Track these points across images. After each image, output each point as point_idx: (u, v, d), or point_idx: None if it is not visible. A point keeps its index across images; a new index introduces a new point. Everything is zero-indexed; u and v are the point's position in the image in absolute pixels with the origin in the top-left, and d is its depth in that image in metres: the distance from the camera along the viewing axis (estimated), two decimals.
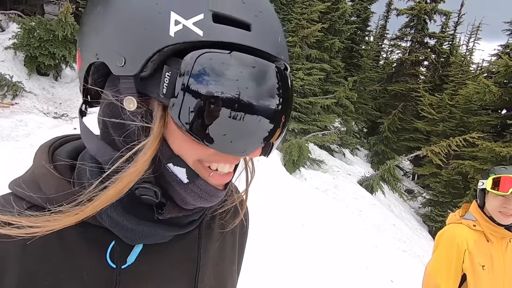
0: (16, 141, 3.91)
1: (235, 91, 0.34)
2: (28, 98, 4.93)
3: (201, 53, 0.34)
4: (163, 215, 0.41)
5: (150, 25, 0.34)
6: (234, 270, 0.59)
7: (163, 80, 0.35)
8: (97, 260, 0.42)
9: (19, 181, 0.42)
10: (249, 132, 0.37)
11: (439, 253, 1.64)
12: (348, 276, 3.41)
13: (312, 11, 8.11)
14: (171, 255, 0.47)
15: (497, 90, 7.99)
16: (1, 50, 5.13)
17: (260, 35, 0.37)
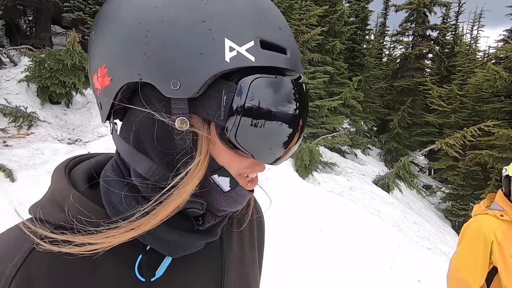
0: (34, 169, 4.03)
1: (280, 110, 0.39)
2: (42, 127, 5.08)
3: (255, 77, 0.37)
4: (204, 225, 0.44)
5: (205, 51, 0.36)
6: (256, 272, 0.60)
7: (222, 103, 0.37)
8: (125, 274, 0.42)
9: (39, 205, 0.42)
10: (285, 143, 0.41)
11: (465, 245, 1.59)
12: (373, 279, 3.31)
13: (310, 15, 8.17)
14: (198, 263, 0.48)
15: (508, 75, 7.80)
16: (15, 84, 5.33)
17: (293, 57, 0.41)
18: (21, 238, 0.39)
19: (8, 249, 0.39)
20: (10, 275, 0.37)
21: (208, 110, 0.37)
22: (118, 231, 0.38)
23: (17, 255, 0.38)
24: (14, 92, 5.23)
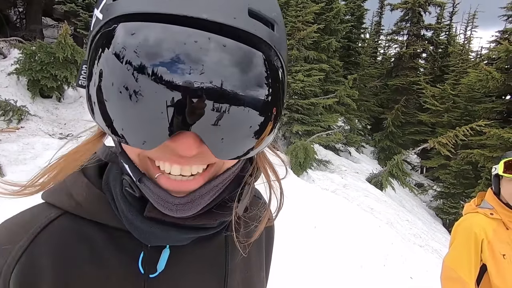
0: (24, 164, 3.95)
1: (121, 68, 0.30)
2: (33, 121, 4.98)
3: (98, 35, 0.32)
4: (146, 212, 0.40)
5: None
6: (262, 277, 0.58)
7: (79, 71, 0.35)
8: (128, 267, 0.42)
9: (51, 191, 0.43)
10: (140, 116, 0.31)
11: (458, 244, 1.60)
12: (366, 276, 3.35)
13: (307, 13, 8.15)
14: (198, 262, 0.47)
15: (500, 76, 7.91)
16: (4, 77, 5.21)
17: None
18: (29, 221, 0.41)
19: (17, 231, 0.40)
20: (17, 255, 0.38)
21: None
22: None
23: (24, 237, 0.40)
24: (4, 85, 5.12)
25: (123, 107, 0.31)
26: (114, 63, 0.30)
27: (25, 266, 0.38)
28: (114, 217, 0.41)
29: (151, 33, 0.29)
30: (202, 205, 0.39)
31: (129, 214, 0.40)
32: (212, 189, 0.39)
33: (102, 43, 0.31)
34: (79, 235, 0.41)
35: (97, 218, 0.42)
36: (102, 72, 0.31)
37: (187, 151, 0.32)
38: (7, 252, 0.39)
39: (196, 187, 0.38)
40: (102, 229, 0.42)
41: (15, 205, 0.51)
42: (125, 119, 0.32)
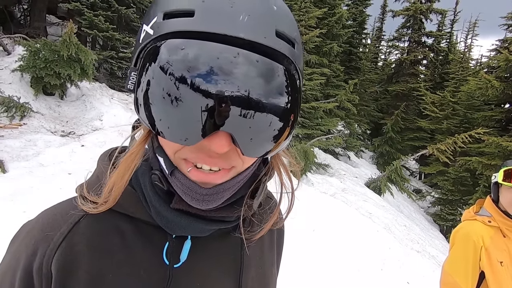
0: (26, 160, 3.97)
1: (167, 79, 0.35)
2: (35, 118, 5.00)
3: (147, 49, 0.37)
4: (173, 204, 0.44)
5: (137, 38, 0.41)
6: (274, 273, 0.62)
7: (128, 78, 0.39)
8: (154, 258, 0.46)
9: (84, 183, 0.47)
10: (189, 120, 0.35)
11: (456, 251, 1.62)
12: (363, 279, 3.37)
13: (309, 17, 8.22)
14: (217, 254, 0.51)
15: (499, 84, 7.98)
16: (8, 73, 5.23)
17: (207, 19, 0.35)
18: (68, 211, 0.46)
19: (57, 219, 0.45)
20: (58, 241, 0.43)
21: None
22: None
23: (64, 225, 0.45)
24: (7, 82, 5.13)
25: (168, 109, 0.35)
26: (164, 71, 0.35)
27: (65, 251, 0.43)
28: (143, 211, 0.46)
29: (194, 49, 0.34)
30: (225, 198, 0.44)
31: (157, 204, 0.44)
32: (234, 185, 0.44)
33: (151, 55, 0.36)
34: (112, 227, 0.46)
35: (128, 211, 0.46)
36: (153, 79, 0.36)
37: (220, 148, 0.37)
38: (50, 238, 0.44)
39: (222, 180, 0.42)
40: (132, 222, 0.47)
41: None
42: (169, 119, 0.36)
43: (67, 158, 4.27)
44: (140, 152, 0.44)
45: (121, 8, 7.02)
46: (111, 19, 7.01)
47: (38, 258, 0.43)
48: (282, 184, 0.52)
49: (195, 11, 0.35)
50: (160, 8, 0.38)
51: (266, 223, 0.52)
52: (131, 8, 7.26)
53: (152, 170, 0.44)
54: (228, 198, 0.45)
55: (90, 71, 5.44)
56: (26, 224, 0.48)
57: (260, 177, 0.50)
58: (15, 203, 3.16)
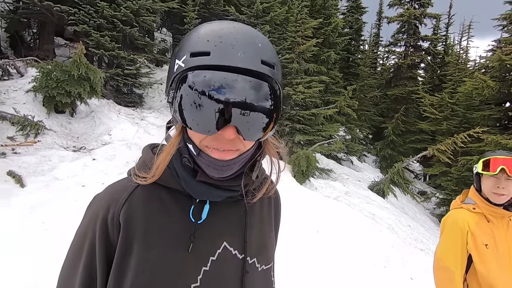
0: (43, 175, 4.19)
1: (199, 94, 0.55)
2: (48, 135, 5.26)
3: (180, 75, 0.57)
4: (198, 177, 0.63)
5: (170, 69, 0.63)
6: (272, 236, 0.80)
7: (167, 94, 0.61)
8: (183, 215, 0.65)
9: (135, 168, 0.68)
10: (208, 119, 0.55)
11: (445, 237, 1.76)
12: (367, 277, 3.48)
13: (306, 28, 8.51)
14: (228, 215, 0.70)
15: (495, 84, 8.13)
16: (22, 94, 5.53)
17: (218, 57, 0.55)
18: (128, 183, 0.67)
19: (120, 188, 0.67)
20: (123, 201, 0.64)
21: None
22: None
23: (125, 192, 0.65)
24: (22, 102, 5.43)
25: (197, 111, 0.56)
26: (194, 88, 0.56)
27: (127, 207, 0.63)
28: (176, 183, 0.65)
29: (211, 75, 0.55)
30: (235, 169, 0.63)
31: (187, 177, 0.63)
32: (239, 160, 0.63)
33: (184, 79, 0.56)
34: (156, 194, 0.66)
35: (166, 183, 0.65)
36: (183, 95, 0.57)
37: (230, 135, 0.57)
38: (117, 199, 0.64)
39: (232, 157, 0.62)
40: (169, 191, 0.66)
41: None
42: (198, 117, 0.56)
43: (80, 171, 4.49)
44: (176, 142, 0.63)
45: (125, 28, 7.36)
46: (116, 39, 7.35)
47: (111, 212, 0.63)
48: (272, 162, 0.72)
49: (210, 52, 0.55)
50: (187, 49, 0.58)
51: (260, 190, 0.72)
52: (135, 27, 7.60)
53: (183, 155, 0.64)
54: (235, 172, 0.64)
55: (98, 88, 5.73)
56: (97, 195, 0.68)
57: (256, 157, 0.70)
58: (34, 214, 3.36)
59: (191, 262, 0.64)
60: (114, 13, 7.17)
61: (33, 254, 2.70)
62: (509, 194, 1.66)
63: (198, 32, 0.60)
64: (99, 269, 0.63)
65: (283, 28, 9.89)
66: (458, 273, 1.67)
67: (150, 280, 0.61)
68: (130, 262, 0.61)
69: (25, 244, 2.81)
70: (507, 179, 1.64)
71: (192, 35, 0.61)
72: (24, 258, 2.65)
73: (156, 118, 7.34)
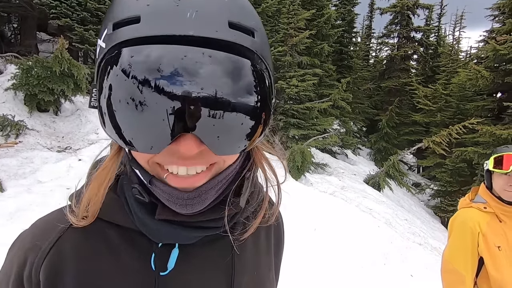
0: (24, 178, 3.96)
1: (121, 88, 0.35)
2: (31, 135, 4.99)
3: (101, 62, 0.37)
4: (157, 215, 0.44)
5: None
6: (272, 277, 0.60)
7: (90, 95, 0.40)
8: (141, 264, 0.46)
9: (74, 197, 0.48)
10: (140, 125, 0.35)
11: (454, 239, 1.64)
12: (367, 275, 3.39)
13: (298, 19, 8.31)
14: (207, 261, 0.50)
15: (489, 74, 8.09)
16: (1, 92, 5.23)
17: (153, 22, 0.35)
18: (58, 220, 0.47)
19: (48, 228, 0.46)
20: (46, 249, 0.45)
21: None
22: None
23: (53, 234, 0.46)
24: (1, 101, 5.14)
25: (128, 120, 0.36)
26: (119, 82, 0.35)
27: (53, 258, 0.44)
28: (128, 219, 0.46)
29: (143, 56, 0.34)
30: (209, 200, 0.43)
31: (141, 215, 0.44)
32: (216, 184, 0.43)
33: (107, 67, 0.36)
34: (99, 233, 0.46)
35: (114, 219, 0.46)
36: (110, 92, 0.35)
37: (189, 151, 0.36)
38: (38, 247, 0.45)
39: (202, 182, 0.41)
40: (118, 229, 0.47)
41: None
42: (132, 129, 0.36)
43: (65, 173, 4.26)
44: (113, 166, 0.44)
45: None
46: None
47: (28, 267, 0.44)
48: (267, 179, 0.52)
49: (140, 17, 0.35)
50: (110, 19, 0.37)
51: (254, 220, 0.51)
52: None
53: (132, 184, 0.45)
54: (215, 199, 0.45)
55: (83, 85, 5.46)
56: (22, 233, 0.49)
57: (244, 173, 0.49)
58: (14, 221, 3.15)
59: None
60: (99, 6, 6.86)
61: None
62: None
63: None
64: None
65: (275, 20, 9.67)
66: (469, 276, 1.57)
67: None
68: None
69: (4, 253, 2.62)
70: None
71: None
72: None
73: None
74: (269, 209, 0.54)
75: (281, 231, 0.66)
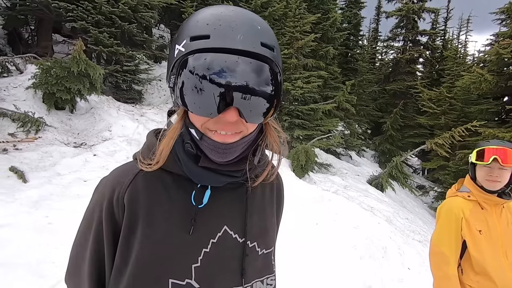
0: (44, 170, 4.23)
1: (199, 77, 0.55)
2: (49, 131, 5.28)
3: (181, 60, 0.58)
4: (200, 163, 0.64)
5: (170, 54, 0.63)
6: (274, 222, 0.81)
7: (168, 80, 0.62)
8: (185, 199, 0.67)
9: (139, 152, 0.70)
10: (208, 102, 0.55)
11: (440, 224, 1.82)
12: (365, 267, 3.55)
13: (304, 23, 8.51)
14: (229, 200, 0.71)
15: (492, 78, 8.17)
16: (22, 91, 5.54)
17: (218, 39, 0.55)
18: (131, 167, 0.69)
19: (125, 172, 0.69)
20: (127, 183, 0.66)
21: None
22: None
23: (130, 175, 0.68)
24: (22, 99, 5.44)
25: (200, 96, 0.56)
26: (197, 72, 0.56)
27: (131, 189, 0.66)
28: (178, 168, 0.66)
29: (211, 58, 0.55)
30: (237, 153, 0.64)
31: (189, 163, 0.64)
32: (242, 143, 0.64)
33: (185, 63, 0.57)
34: (159, 178, 0.67)
35: (169, 168, 0.66)
36: (185, 79, 0.57)
37: (232, 118, 0.57)
38: (122, 182, 0.67)
39: (234, 140, 0.62)
40: (171, 175, 0.67)
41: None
42: (201, 101, 0.57)
43: (82, 167, 4.53)
44: (178, 127, 0.64)
45: (124, 24, 7.35)
46: (114, 35, 7.34)
47: (116, 194, 0.65)
48: (272, 148, 0.72)
49: (210, 35, 0.56)
50: (187, 34, 0.59)
51: (261, 174, 0.72)
52: (133, 23, 7.59)
53: (185, 140, 0.64)
54: (238, 156, 0.65)
55: (98, 85, 5.75)
56: (104, 178, 0.71)
57: (258, 141, 0.70)
58: (38, 209, 3.41)
59: (192, 243, 0.65)
60: (112, 9, 7.15)
61: (38, 246, 2.75)
62: (503, 181, 1.71)
63: (197, 16, 0.60)
64: (106, 245, 0.66)
65: (281, 23, 9.88)
66: (453, 258, 1.74)
67: (152, 256, 0.63)
68: (134, 239, 0.64)
69: (30, 237, 2.86)
70: (500, 168, 1.69)
71: (191, 19, 0.61)
72: (31, 250, 2.70)
73: (156, 114, 7.37)
74: (271, 170, 0.76)
75: (281, 189, 0.87)
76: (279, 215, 0.87)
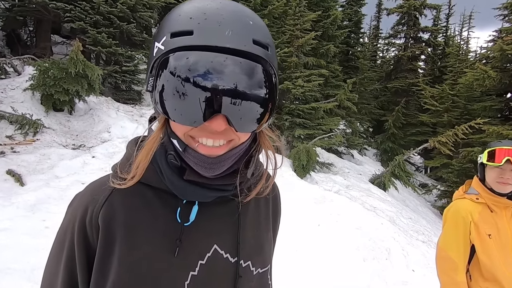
0: (42, 173, 4.19)
1: (180, 79, 0.48)
2: (47, 133, 5.24)
3: (160, 59, 0.50)
4: (185, 176, 0.56)
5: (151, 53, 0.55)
6: (269, 237, 0.73)
7: (147, 82, 0.53)
8: (170, 216, 0.60)
9: (118, 164, 0.63)
10: (192, 108, 0.48)
11: (447, 228, 1.74)
12: (368, 270, 3.48)
13: (304, 21, 8.42)
14: (219, 216, 0.63)
15: (496, 74, 8.06)
16: (20, 92, 5.50)
17: (202, 36, 0.48)
18: (107, 183, 0.60)
19: (101, 187, 0.61)
20: (102, 201, 0.59)
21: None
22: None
23: (106, 191, 0.60)
24: (19, 101, 5.40)
25: (181, 101, 0.49)
26: (178, 73, 0.48)
27: (107, 208, 0.59)
28: (160, 181, 0.59)
29: (195, 58, 0.48)
30: (226, 166, 0.56)
31: (172, 177, 0.57)
32: (232, 155, 0.56)
33: (164, 64, 0.49)
34: (139, 192, 0.60)
35: (150, 182, 0.59)
36: (168, 80, 0.49)
37: (219, 127, 0.50)
38: (96, 200, 0.60)
39: (222, 152, 0.55)
40: (152, 189, 0.60)
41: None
42: (182, 108, 0.49)
43: (80, 169, 4.48)
44: (158, 137, 0.57)
45: (122, 24, 7.30)
46: (113, 35, 7.29)
47: (89, 213, 0.58)
48: (267, 158, 0.65)
49: (193, 31, 0.48)
50: (168, 29, 0.51)
51: (255, 188, 0.64)
52: (132, 23, 7.53)
53: (168, 151, 0.57)
54: (228, 168, 0.57)
55: (96, 86, 5.70)
56: (78, 194, 0.64)
57: (251, 151, 0.62)
58: (35, 213, 3.36)
59: (177, 266, 0.58)
60: (111, 9, 7.10)
61: (35, 251, 2.70)
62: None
63: (179, 9, 0.53)
64: (79, 271, 0.59)
65: (281, 21, 9.79)
66: (461, 263, 1.67)
67: (131, 282, 0.56)
68: (111, 263, 0.57)
69: (26, 242, 2.81)
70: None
71: (173, 13, 0.54)
72: (27, 255, 2.65)
73: None
74: (266, 182, 0.68)
75: (278, 201, 0.79)
76: (276, 229, 0.79)
